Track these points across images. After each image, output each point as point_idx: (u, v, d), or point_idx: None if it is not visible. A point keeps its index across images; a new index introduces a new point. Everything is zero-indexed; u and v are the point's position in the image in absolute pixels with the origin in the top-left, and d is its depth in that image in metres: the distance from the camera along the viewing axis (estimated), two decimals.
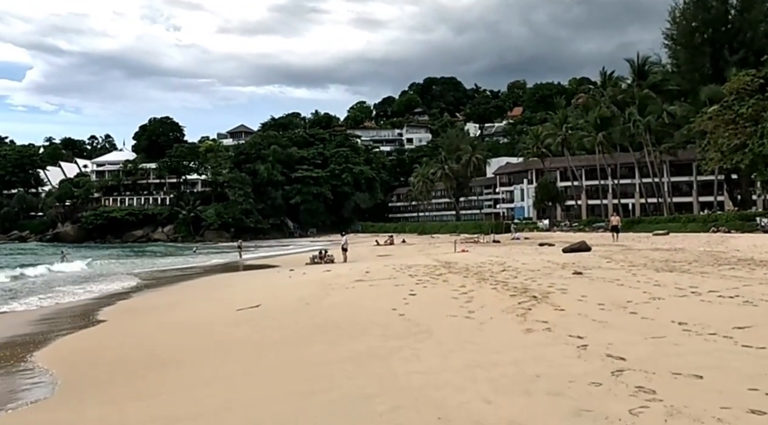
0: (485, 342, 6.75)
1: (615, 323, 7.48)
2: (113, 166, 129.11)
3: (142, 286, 22.94)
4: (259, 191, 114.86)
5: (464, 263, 18.40)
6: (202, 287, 19.72)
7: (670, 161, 68.25)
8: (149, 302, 16.12)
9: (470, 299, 9.87)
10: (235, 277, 24.15)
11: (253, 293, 14.54)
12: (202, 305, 13.22)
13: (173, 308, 12.98)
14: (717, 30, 57.56)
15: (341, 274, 17.48)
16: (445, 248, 38.95)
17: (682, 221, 52.39)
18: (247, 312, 10.51)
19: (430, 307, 9.42)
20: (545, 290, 10.42)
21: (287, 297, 12.62)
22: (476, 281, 12.62)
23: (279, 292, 14.48)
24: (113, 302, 16.58)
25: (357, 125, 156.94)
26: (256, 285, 17.82)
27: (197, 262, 44.28)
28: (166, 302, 14.95)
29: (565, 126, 76.20)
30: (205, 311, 11.99)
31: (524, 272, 14.13)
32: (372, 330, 7.84)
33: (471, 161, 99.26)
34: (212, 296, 15.52)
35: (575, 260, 17.63)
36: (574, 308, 8.52)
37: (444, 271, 15.74)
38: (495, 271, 14.81)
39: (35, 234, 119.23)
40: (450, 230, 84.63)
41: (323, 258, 30.91)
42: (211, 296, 15.78)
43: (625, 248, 26.11)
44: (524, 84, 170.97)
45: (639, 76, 65.31)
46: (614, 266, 15.50)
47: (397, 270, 16.96)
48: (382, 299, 10.80)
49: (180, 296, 16.86)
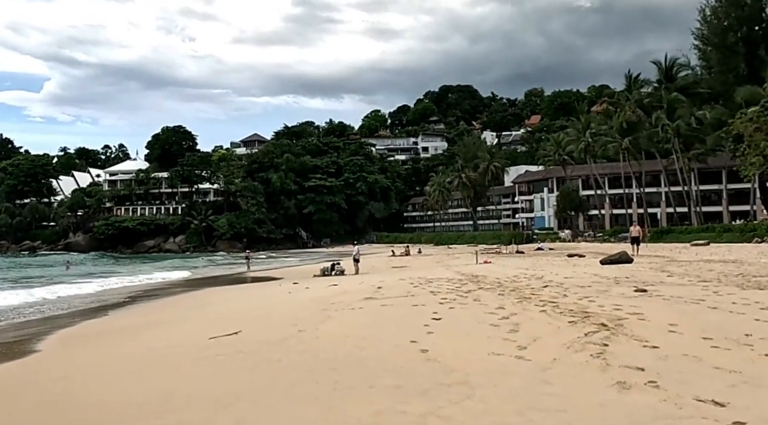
0: (559, 408, 4.31)
1: (753, 373, 4.98)
2: (126, 175, 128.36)
3: (121, 302, 20.56)
4: (272, 201, 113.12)
5: (494, 277, 15.82)
6: (187, 305, 17.20)
7: (698, 168, 64.97)
8: (117, 323, 13.62)
9: (515, 327, 7.39)
10: (230, 292, 21.63)
11: (241, 312, 12.17)
12: (174, 330, 10.75)
13: (138, 334, 10.52)
14: (752, 28, 54.51)
15: (348, 290, 15.04)
16: (466, 259, 36.36)
17: (716, 232, 49.30)
18: (222, 342, 8.09)
19: (463, 339, 6.95)
20: (613, 315, 7.91)
21: (278, 320, 10.07)
22: (516, 300, 10.09)
23: (271, 312, 11.96)
24: (75, 323, 14.28)
25: (371, 134, 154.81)
26: (247, 303, 15.33)
27: (199, 274, 42.01)
28: (136, 324, 12.50)
29: (588, 132, 73.21)
30: (173, 337, 9.54)
31: (572, 288, 11.54)
32: (382, 379, 5.36)
33: (489, 170, 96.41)
34: (191, 317, 13.02)
35: (624, 274, 15.01)
36: (671, 345, 6.02)
37: (472, 286, 13.13)
38: (535, 287, 12.21)
39: (47, 244, 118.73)
40: (467, 241, 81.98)
41: (333, 271, 28.49)
42: (191, 316, 13.29)
43: (669, 259, 23.42)
44: (542, 92, 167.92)
45: (667, 78, 62.26)
46: (680, 281, 12.86)
47: (415, 285, 14.46)
48: (397, 325, 8.40)
49: (157, 316, 14.38)
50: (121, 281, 33.63)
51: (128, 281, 33.09)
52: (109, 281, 33.65)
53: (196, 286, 28.56)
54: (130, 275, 38.77)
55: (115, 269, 49.60)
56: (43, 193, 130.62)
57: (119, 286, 29.99)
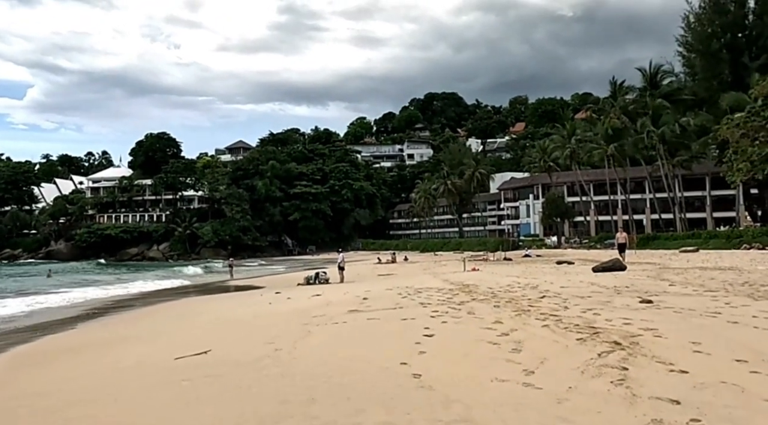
0: None
1: None
2: (109, 182, 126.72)
3: (94, 313, 19.50)
4: (257, 208, 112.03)
5: (486, 286, 15.00)
6: (161, 316, 16.17)
7: (682, 174, 64.90)
8: (82, 338, 12.43)
9: (517, 345, 6.58)
10: (208, 302, 20.58)
11: (215, 326, 11.27)
12: (141, 346, 9.76)
13: (100, 351, 9.47)
14: (735, 35, 54.57)
15: (332, 300, 14.10)
16: (453, 267, 35.63)
17: (702, 238, 49.06)
18: (190, 362, 7.24)
19: (461, 361, 6.12)
20: (624, 330, 7.13)
21: (254, 336, 9.25)
22: (514, 312, 9.32)
23: (248, 326, 11.17)
24: (35, 337, 13.19)
25: (357, 141, 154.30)
26: (225, 314, 14.33)
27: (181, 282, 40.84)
28: (102, 340, 11.47)
29: (574, 138, 73.04)
30: (139, 356, 8.58)
31: (571, 299, 10.76)
32: (370, 414, 4.49)
33: (474, 176, 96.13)
34: (163, 330, 12.08)
35: (622, 283, 14.27)
36: (702, 369, 5.18)
37: (465, 297, 12.29)
38: (532, 298, 11.40)
39: (28, 252, 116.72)
40: (453, 248, 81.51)
41: (318, 279, 27.61)
42: (163, 329, 12.35)
43: (662, 266, 22.79)
44: (526, 99, 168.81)
45: (651, 85, 62.21)
46: (684, 290, 12.12)
47: (404, 295, 13.65)
48: (385, 342, 7.55)
49: (128, 329, 13.33)
50: (99, 291, 32.42)
51: (105, 291, 31.91)
52: (87, 291, 32.49)
53: (174, 295, 27.52)
54: (110, 285, 37.58)
55: (96, 277, 48.20)
56: (24, 200, 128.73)
57: (96, 296, 28.79)
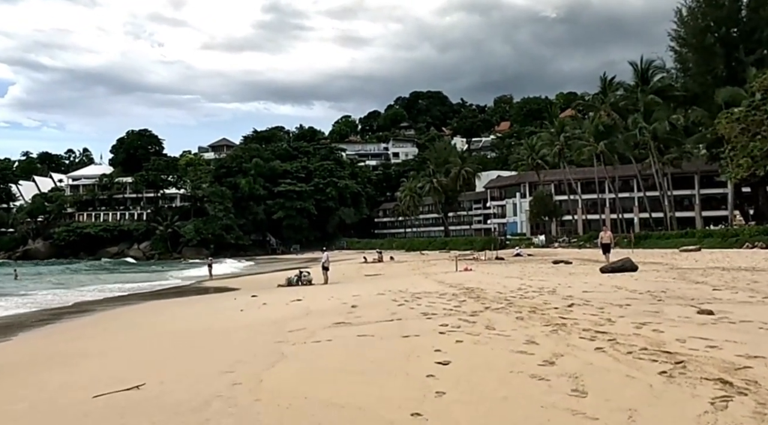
0: None
1: None
2: (89, 180, 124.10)
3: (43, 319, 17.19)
4: (241, 206, 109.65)
5: (493, 290, 12.94)
6: (113, 326, 13.49)
7: (671, 173, 63.52)
8: (5, 357, 10.32)
9: (576, 384, 4.52)
10: (172, 307, 18.10)
11: (164, 343, 9.02)
12: (66, 371, 7.43)
13: (14, 378, 7.42)
14: (730, 29, 53.19)
15: (314, 309, 12.09)
16: (444, 266, 33.73)
17: (696, 237, 47.64)
18: (111, 403, 5.17)
19: (499, 409, 4.07)
20: (718, 358, 5.15)
21: (208, 361, 7.26)
22: (546, 327, 7.36)
23: (205, 344, 9.06)
24: None
25: (342, 139, 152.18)
26: (183, 325, 12.09)
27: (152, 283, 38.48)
28: (28, 358, 8.90)
29: (563, 135, 71.55)
30: (49, 388, 6.45)
31: (607, 308, 8.75)
32: None
33: (460, 175, 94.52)
34: (100, 349, 9.66)
35: (651, 287, 12.23)
36: None
37: (475, 305, 10.21)
38: (558, 306, 9.44)
39: (4, 251, 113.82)
40: (439, 247, 79.81)
41: (300, 280, 25.54)
42: (104, 345, 9.89)
43: (671, 266, 21.03)
44: (511, 99, 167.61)
45: (642, 81, 60.72)
46: (737, 296, 10.04)
47: (399, 302, 11.59)
48: (384, 374, 5.59)
49: (67, 343, 10.64)
50: (65, 293, 30.03)
51: (70, 294, 29.53)
52: (52, 293, 30.22)
53: (141, 299, 25.23)
54: (82, 286, 35.20)
55: (68, 279, 45.59)
56: (1, 198, 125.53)
57: (60, 299, 26.31)
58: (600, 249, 28.36)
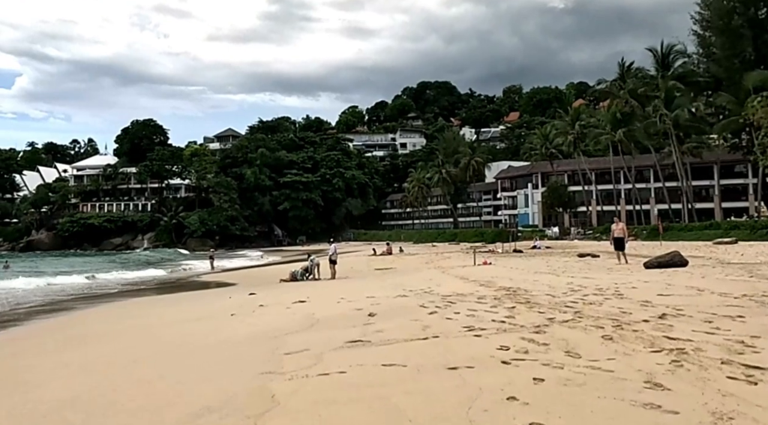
0: None
1: None
2: (93, 170, 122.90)
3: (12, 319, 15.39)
4: (246, 197, 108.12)
5: (540, 291, 10.59)
6: (71, 334, 10.54)
7: (690, 163, 61.44)
8: None
9: None
10: (154, 307, 16.30)
11: (111, 372, 6.78)
12: None
13: None
14: (758, 10, 50.88)
15: (321, 316, 9.88)
16: (458, 260, 31.99)
17: (723, 228, 45.77)
18: None
19: None
20: None
21: (162, 412, 4.87)
22: (654, 352, 5.46)
23: (167, 374, 6.48)
24: None
25: (349, 130, 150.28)
26: (149, 341, 9.61)
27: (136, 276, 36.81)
28: None
29: (578, 124, 69.49)
30: None
31: (717, 320, 6.87)
32: None
33: (470, 165, 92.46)
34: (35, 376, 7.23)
35: (733, 289, 10.23)
36: None
37: (533, 316, 8.18)
38: (644, 316, 7.49)
39: (8, 242, 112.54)
40: (449, 238, 78.07)
41: (307, 274, 23.87)
42: (39, 369, 7.68)
43: (720, 261, 19.28)
44: (520, 89, 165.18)
45: (663, 67, 58.52)
46: None
47: (429, 308, 9.39)
48: None
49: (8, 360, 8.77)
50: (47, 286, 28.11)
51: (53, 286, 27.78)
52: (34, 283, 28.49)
53: (126, 295, 23.47)
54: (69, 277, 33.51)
55: (63, 269, 43.94)
56: (5, 188, 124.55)
57: (40, 294, 24.34)
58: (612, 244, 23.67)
